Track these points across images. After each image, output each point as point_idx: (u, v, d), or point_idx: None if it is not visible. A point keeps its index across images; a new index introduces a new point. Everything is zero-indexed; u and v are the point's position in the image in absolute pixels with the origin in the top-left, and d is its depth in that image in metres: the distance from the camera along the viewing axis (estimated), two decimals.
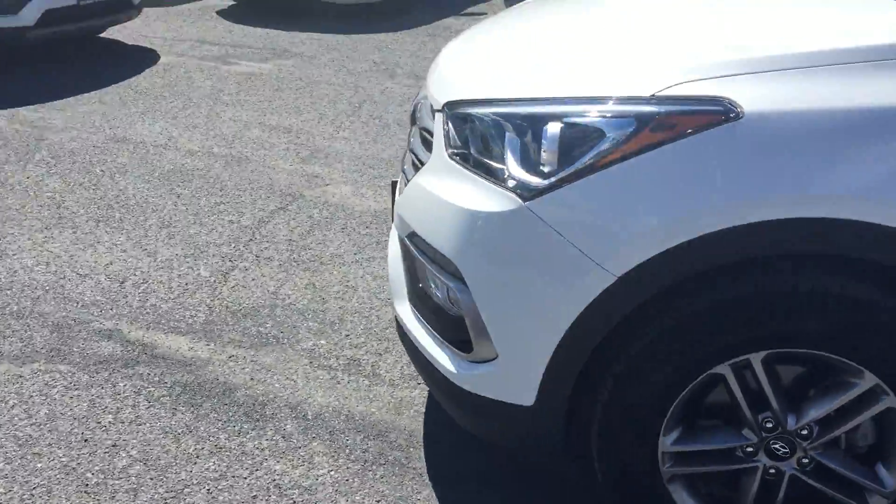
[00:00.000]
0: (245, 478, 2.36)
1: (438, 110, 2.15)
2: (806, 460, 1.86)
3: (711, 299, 1.74)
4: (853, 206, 1.60)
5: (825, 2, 2.01)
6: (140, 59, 6.98)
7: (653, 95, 1.75)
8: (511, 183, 1.86)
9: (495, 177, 1.90)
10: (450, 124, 2.08)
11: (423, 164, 2.22)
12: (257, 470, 2.39)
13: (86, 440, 2.51)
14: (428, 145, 2.25)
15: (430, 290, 2.14)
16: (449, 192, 1.99)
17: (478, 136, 1.99)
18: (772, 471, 1.88)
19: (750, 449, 1.87)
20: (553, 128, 1.82)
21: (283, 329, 3.08)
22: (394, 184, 2.61)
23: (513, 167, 1.87)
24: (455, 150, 2.03)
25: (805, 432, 1.83)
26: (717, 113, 1.67)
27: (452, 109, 2.08)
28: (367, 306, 3.22)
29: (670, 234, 1.69)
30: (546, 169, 1.81)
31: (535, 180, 1.82)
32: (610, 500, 2.00)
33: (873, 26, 1.75)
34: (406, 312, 2.25)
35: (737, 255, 1.69)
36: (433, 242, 2.03)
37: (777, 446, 1.85)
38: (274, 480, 2.35)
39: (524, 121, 1.89)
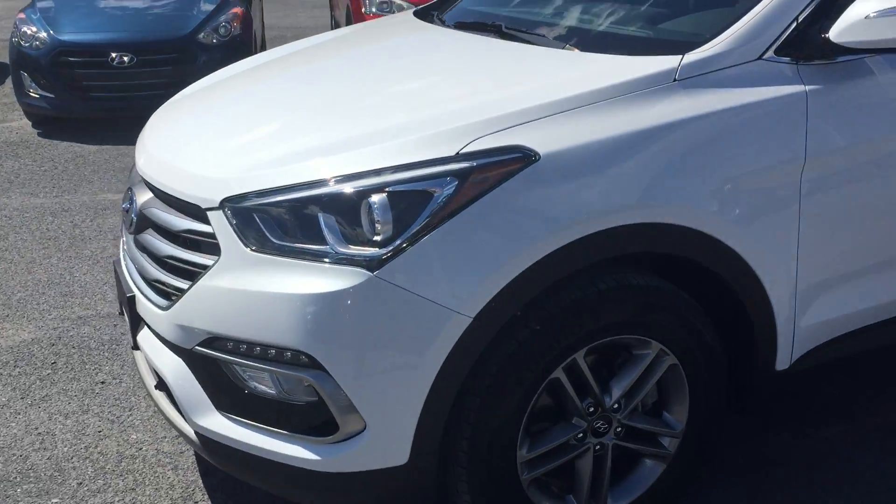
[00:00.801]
0: None
1: (213, 208, 2.08)
2: (619, 429, 2.23)
3: (543, 316, 2.01)
4: (640, 212, 2.02)
5: (525, 59, 2.44)
6: None
7: (457, 153, 1.96)
8: (346, 259, 1.91)
9: (323, 258, 1.94)
10: (236, 220, 2.04)
11: (196, 266, 2.11)
12: None
13: None
14: (197, 246, 2.15)
15: (256, 389, 2.06)
16: (271, 285, 1.96)
17: (284, 225, 2.00)
18: (598, 447, 2.22)
19: (581, 435, 2.18)
20: (379, 199, 1.92)
21: None
22: (130, 299, 2.39)
23: (340, 244, 1.93)
24: (260, 244, 2.00)
25: (616, 406, 2.20)
26: (519, 159, 1.96)
27: (238, 204, 2.04)
28: (80, 446, 2.84)
29: (509, 268, 1.93)
30: (380, 238, 1.91)
31: (372, 250, 1.91)
32: None
33: (590, 73, 2.21)
34: (221, 424, 2.11)
35: (562, 273, 1.99)
36: (261, 339, 1.98)
37: (599, 425, 2.19)
38: None
39: (339, 199, 1.96)
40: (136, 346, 2.44)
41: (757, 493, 2.50)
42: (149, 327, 2.31)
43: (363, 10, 7.23)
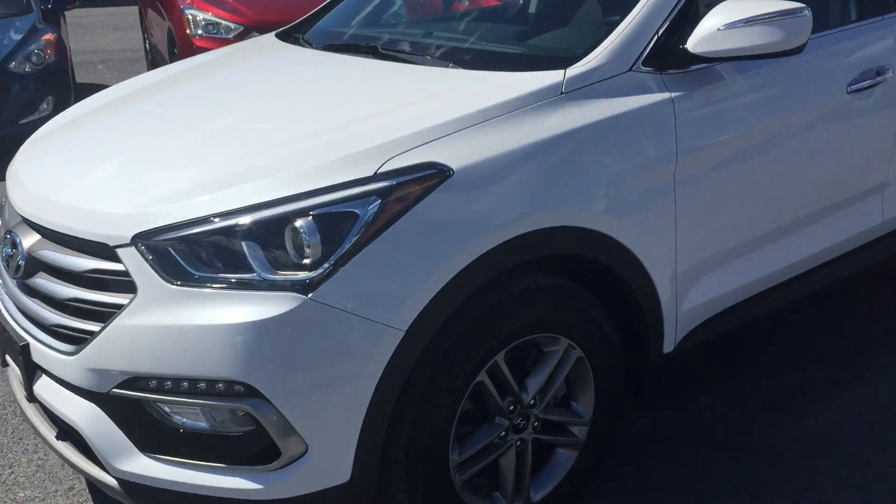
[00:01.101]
0: None
1: (123, 245, 2.02)
2: (537, 423, 2.36)
3: (467, 322, 2.10)
4: (547, 217, 2.16)
5: (413, 78, 2.53)
6: None
7: (376, 173, 2.02)
8: (277, 284, 1.92)
9: (251, 285, 1.94)
10: (152, 255, 1.99)
11: (107, 306, 2.05)
12: None
13: None
14: (105, 285, 2.08)
15: (185, 425, 2.02)
16: (198, 317, 1.94)
17: (205, 256, 1.98)
18: (518, 443, 2.34)
19: (504, 433, 2.29)
20: (305, 222, 1.95)
21: None
22: (24, 348, 2.25)
23: (267, 271, 1.94)
24: (181, 278, 1.96)
25: (533, 402, 2.33)
26: (436, 174, 2.04)
27: (152, 239, 2.00)
28: None
29: (436, 280, 2.01)
30: (310, 260, 1.94)
31: (303, 274, 1.93)
32: None
33: (484, 90, 2.32)
34: (147, 467, 2.05)
35: (483, 280, 2.09)
36: (190, 373, 1.95)
37: (519, 422, 2.31)
38: None
39: (263, 226, 1.97)
40: (31, 398, 2.30)
41: (651, 469, 2.71)
42: (50, 375, 2.20)
43: (187, 31, 7.04)
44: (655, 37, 2.45)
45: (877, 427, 2.87)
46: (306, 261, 1.94)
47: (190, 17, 6.93)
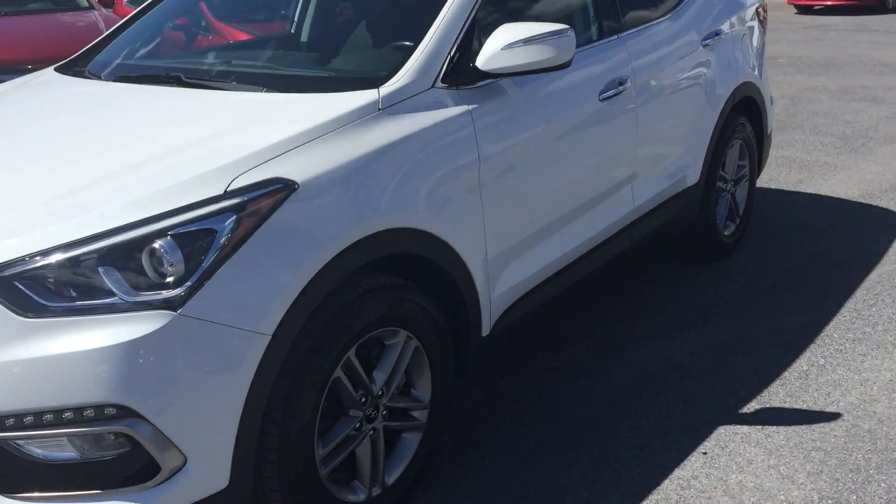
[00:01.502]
0: None
1: None
2: (385, 412, 2.56)
3: (322, 323, 2.27)
4: (381, 221, 2.38)
5: (231, 103, 2.65)
6: None
7: (226, 191, 2.14)
8: (142, 304, 1.99)
9: (114, 309, 1.98)
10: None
11: None
12: None
13: None
14: None
15: (48, 458, 2.02)
16: (60, 347, 1.97)
17: (56, 286, 2.00)
18: (371, 432, 2.53)
19: (359, 424, 2.47)
20: (165, 242, 2.03)
21: None
22: None
23: (129, 293, 2.00)
24: (35, 310, 1.97)
25: (381, 392, 2.53)
26: (282, 189, 2.20)
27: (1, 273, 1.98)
28: None
29: (295, 285, 2.16)
30: (173, 278, 2.02)
31: (168, 291, 2.01)
32: None
33: (309, 110, 2.50)
34: None
35: (334, 282, 2.27)
36: (56, 403, 1.98)
37: (370, 412, 2.51)
38: None
39: (120, 249, 2.03)
40: None
41: (477, 442, 3.01)
42: None
43: None
44: (449, 57, 2.76)
45: (657, 378, 3.38)
46: (169, 279, 2.02)
47: None
